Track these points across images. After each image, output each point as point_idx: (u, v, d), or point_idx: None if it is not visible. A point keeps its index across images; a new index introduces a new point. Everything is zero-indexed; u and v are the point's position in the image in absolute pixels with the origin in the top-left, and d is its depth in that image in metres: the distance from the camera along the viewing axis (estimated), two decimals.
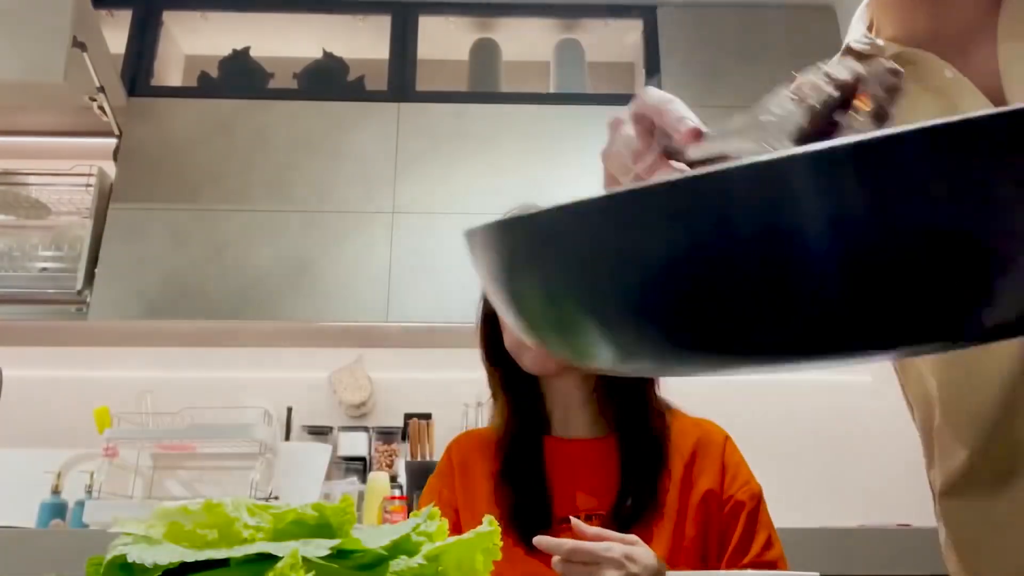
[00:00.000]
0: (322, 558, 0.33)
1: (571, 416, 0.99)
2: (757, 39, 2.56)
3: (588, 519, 0.89)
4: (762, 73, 2.52)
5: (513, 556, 0.87)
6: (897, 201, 0.22)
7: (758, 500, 0.95)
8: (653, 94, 0.47)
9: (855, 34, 0.78)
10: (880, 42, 0.75)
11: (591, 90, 2.62)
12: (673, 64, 2.53)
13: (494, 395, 1.01)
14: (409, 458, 2.33)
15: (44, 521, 2.14)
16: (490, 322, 1.02)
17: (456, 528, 0.95)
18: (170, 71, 2.67)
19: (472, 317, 2.27)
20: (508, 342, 0.97)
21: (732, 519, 0.91)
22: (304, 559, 0.32)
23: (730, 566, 0.87)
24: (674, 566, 0.84)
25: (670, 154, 0.46)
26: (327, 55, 2.63)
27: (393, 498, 2.06)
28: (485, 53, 2.66)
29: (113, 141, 2.39)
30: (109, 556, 0.34)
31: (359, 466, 2.33)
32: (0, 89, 2.17)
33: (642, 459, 0.92)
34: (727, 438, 1.00)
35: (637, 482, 0.91)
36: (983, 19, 0.71)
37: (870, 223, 0.22)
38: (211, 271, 2.25)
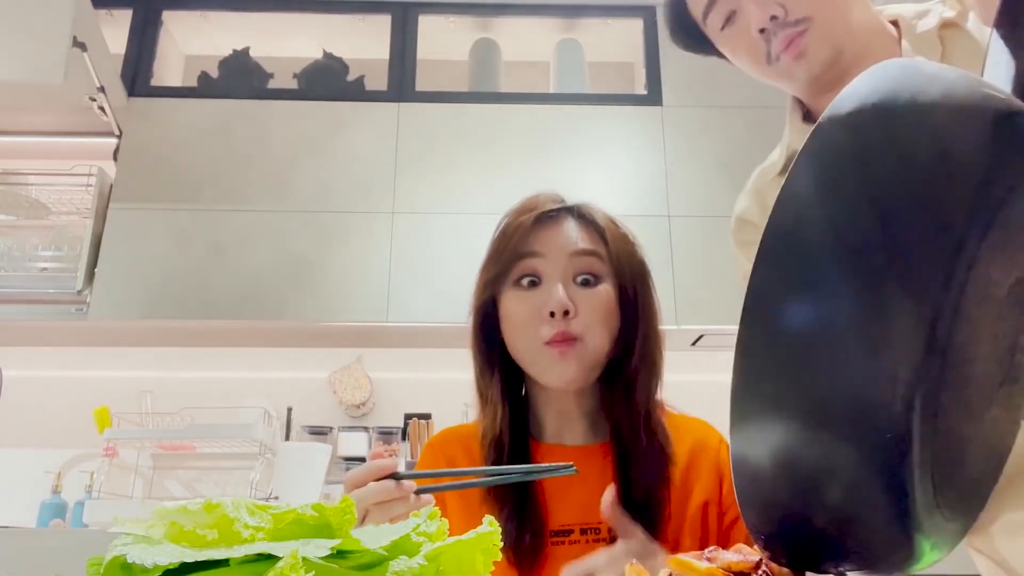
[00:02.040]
0: (322, 558, 0.33)
1: (564, 425, 0.92)
2: None
3: (583, 533, 0.85)
4: None
5: (504, 574, 0.82)
6: None
7: None
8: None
9: (793, 131, 0.90)
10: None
11: (591, 90, 2.62)
12: (673, 64, 2.53)
13: (488, 401, 0.92)
14: (409, 458, 2.33)
15: (44, 521, 2.15)
16: (488, 328, 0.93)
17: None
18: (170, 71, 2.67)
19: None
20: (522, 349, 0.88)
21: (731, 531, 0.87)
22: (304, 559, 0.32)
23: None
24: None
25: None
26: (327, 55, 2.63)
27: None
28: (485, 53, 2.66)
29: (113, 141, 2.39)
30: (109, 556, 0.34)
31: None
32: (0, 89, 2.17)
33: (641, 469, 0.86)
34: (721, 441, 0.94)
35: (637, 495, 0.84)
36: None
37: None
38: (211, 271, 2.26)
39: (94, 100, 2.27)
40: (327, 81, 2.58)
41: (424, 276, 2.27)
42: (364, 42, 2.68)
